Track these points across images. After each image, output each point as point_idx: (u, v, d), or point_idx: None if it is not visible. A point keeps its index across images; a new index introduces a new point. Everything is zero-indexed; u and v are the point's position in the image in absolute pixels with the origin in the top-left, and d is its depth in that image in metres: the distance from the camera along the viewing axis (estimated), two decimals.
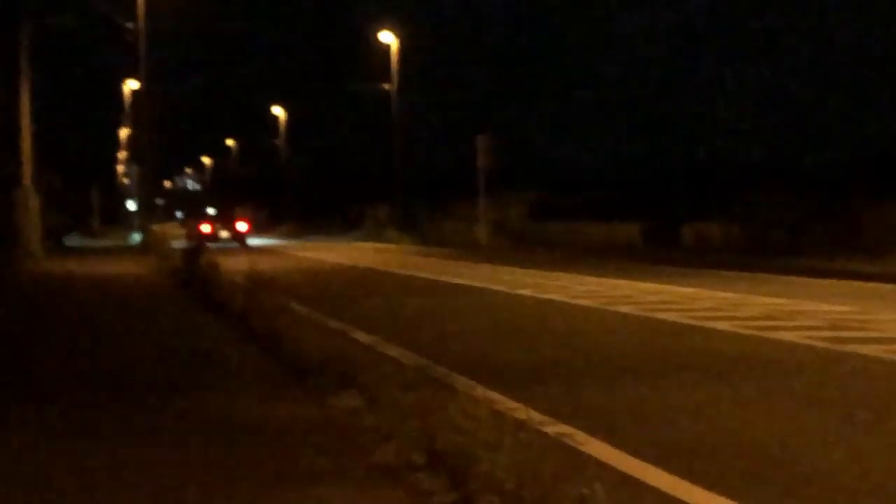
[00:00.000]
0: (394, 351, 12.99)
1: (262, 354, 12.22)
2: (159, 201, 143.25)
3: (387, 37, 60.72)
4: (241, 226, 59.99)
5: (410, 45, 62.27)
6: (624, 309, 18.04)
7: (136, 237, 50.75)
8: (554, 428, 8.55)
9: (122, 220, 75.22)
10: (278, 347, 11.99)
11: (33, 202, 37.57)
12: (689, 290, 21.60)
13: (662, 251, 35.94)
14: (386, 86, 61.34)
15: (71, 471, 7.22)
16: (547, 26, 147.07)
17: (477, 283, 24.48)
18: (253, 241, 59.23)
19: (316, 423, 8.50)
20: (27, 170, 37.28)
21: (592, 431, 8.37)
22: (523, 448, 6.20)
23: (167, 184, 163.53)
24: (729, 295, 20.27)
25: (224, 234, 58.57)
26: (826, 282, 23.69)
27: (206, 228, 58.20)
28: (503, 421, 7.20)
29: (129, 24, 48.36)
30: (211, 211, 65.60)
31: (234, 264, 22.57)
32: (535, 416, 9.03)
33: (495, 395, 9.98)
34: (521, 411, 9.25)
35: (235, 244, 56.02)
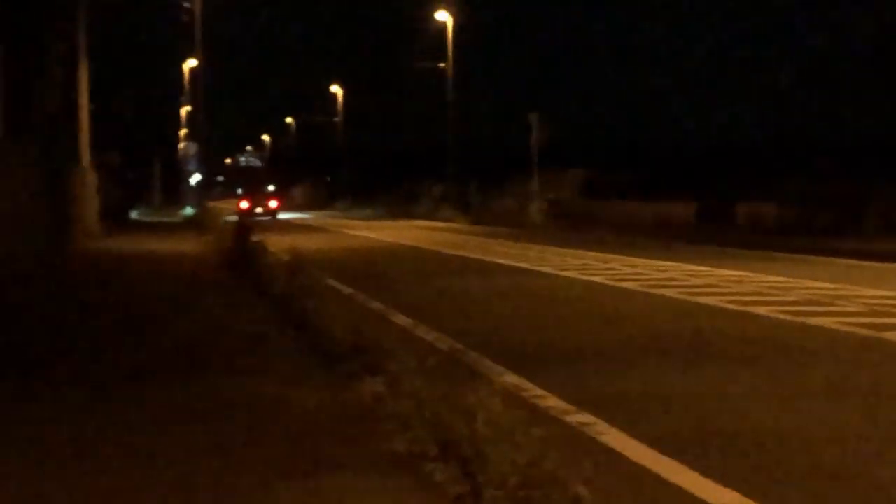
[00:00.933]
0: (430, 335, 13.06)
1: (300, 337, 12.29)
2: (220, 178, 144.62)
3: (442, 15, 60.79)
4: (272, 203, 68.56)
5: (467, 23, 62.38)
6: (667, 293, 18.01)
7: (193, 212, 51.29)
8: (576, 417, 8.59)
9: (183, 196, 76.07)
10: (315, 330, 12.06)
11: (91, 181, 37.77)
12: (736, 272, 21.52)
13: (715, 231, 35.75)
14: (441, 64, 61.39)
15: (78, 451, 7.35)
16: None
17: (523, 265, 24.49)
18: (306, 217, 66.26)
19: (339, 409, 8.58)
20: (85, 148, 37.44)
21: (614, 421, 8.39)
22: (541, 438, 6.22)
23: (228, 161, 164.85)
24: (774, 278, 20.17)
25: (259, 209, 65.50)
26: (875, 265, 23.53)
27: (244, 205, 64.99)
28: (525, 409, 7.27)
29: (186, 3, 48.71)
30: (271, 188, 70.22)
31: (284, 242, 22.80)
32: (559, 404, 9.12)
33: (524, 382, 10.06)
34: (546, 399, 9.36)
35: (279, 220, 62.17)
